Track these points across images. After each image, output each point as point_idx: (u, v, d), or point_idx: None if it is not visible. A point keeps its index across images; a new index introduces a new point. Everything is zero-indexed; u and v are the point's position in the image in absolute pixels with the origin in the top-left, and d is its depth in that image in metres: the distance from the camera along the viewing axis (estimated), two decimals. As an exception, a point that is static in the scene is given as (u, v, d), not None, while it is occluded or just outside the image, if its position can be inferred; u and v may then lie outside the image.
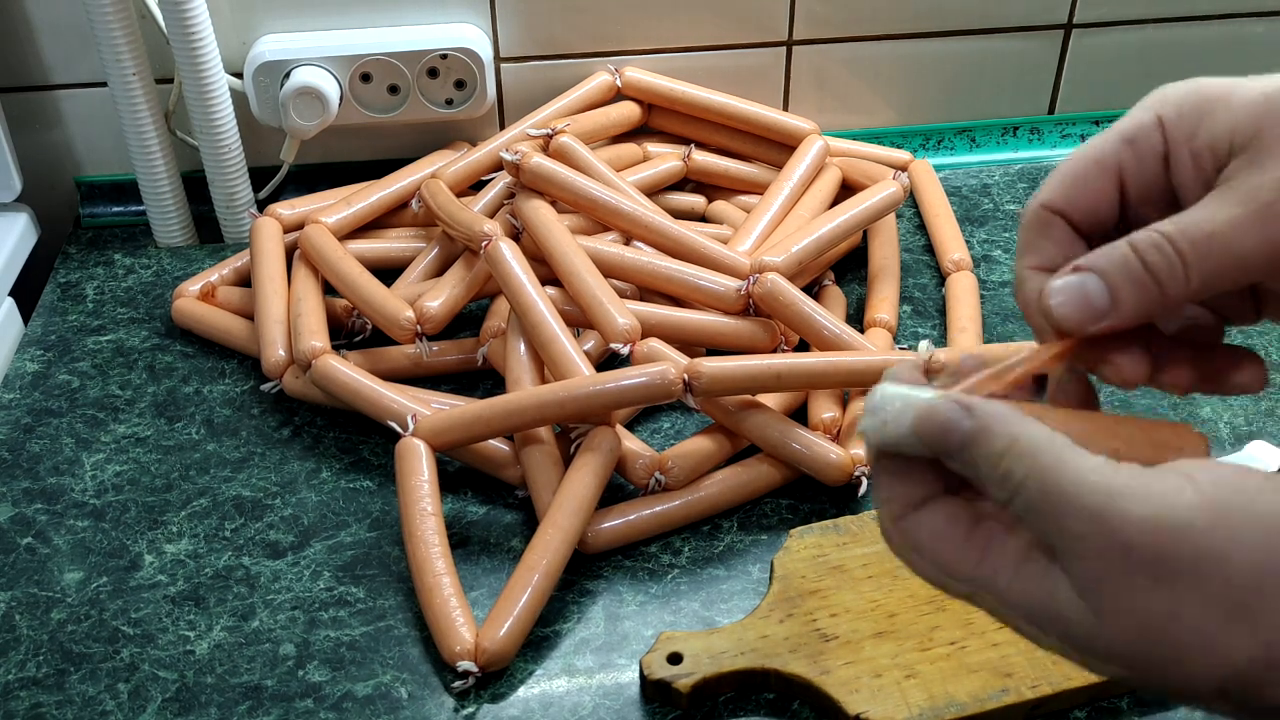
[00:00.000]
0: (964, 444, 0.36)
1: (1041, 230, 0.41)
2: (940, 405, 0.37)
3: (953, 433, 0.36)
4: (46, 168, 0.94)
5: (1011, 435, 0.36)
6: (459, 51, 0.90)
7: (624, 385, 0.66)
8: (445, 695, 0.60)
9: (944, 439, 0.37)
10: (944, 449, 0.37)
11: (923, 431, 0.37)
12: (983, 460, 0.36)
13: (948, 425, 0.36)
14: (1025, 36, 0.98)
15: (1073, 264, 0.39)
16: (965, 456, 0.36)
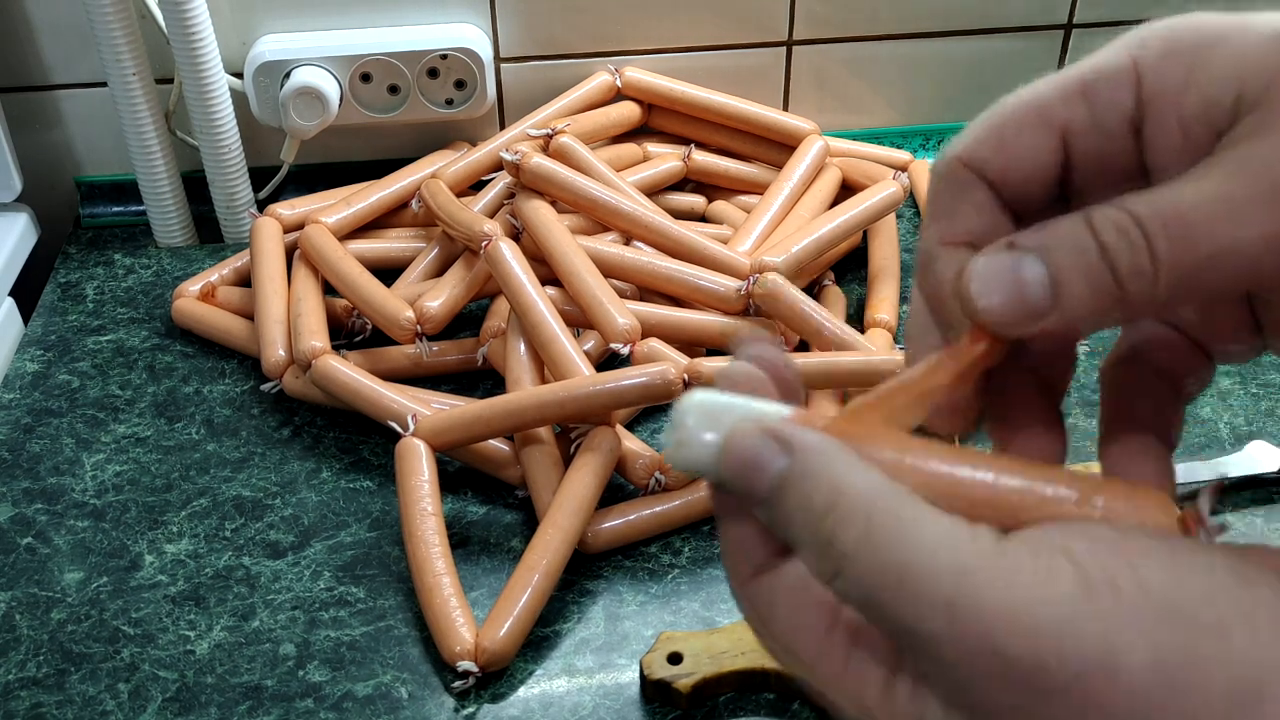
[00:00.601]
0: (774, 492, 0.28)
1: (958, 191, 0.31)
2: (745, 433, 0.28)
3: (760, 474, 0.28)
4: (46, 168, 0.94)
5: (837, 487, 0.27)
6: (459, 51, 0.90)
7: (624, 385, 0.66)
8: (445, 695, 0.60)
9: (748, 481, 0.28)
10: (749, 495, 0.28)
11: (724, 466, 0.28)
12: (798, 518, 0.27)
13: (754, 463, 0.28)
14: (1025, 36, 0.98)
15: (1006, 239, 0.29)
16: (776, 512, 0.28)
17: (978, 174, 0.32)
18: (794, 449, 0.28)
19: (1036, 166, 0.31)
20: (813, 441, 0.28)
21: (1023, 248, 0.28)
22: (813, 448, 0.28)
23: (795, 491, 0.27)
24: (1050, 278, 0.28)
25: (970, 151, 0.32)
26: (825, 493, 0.27)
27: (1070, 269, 0.28)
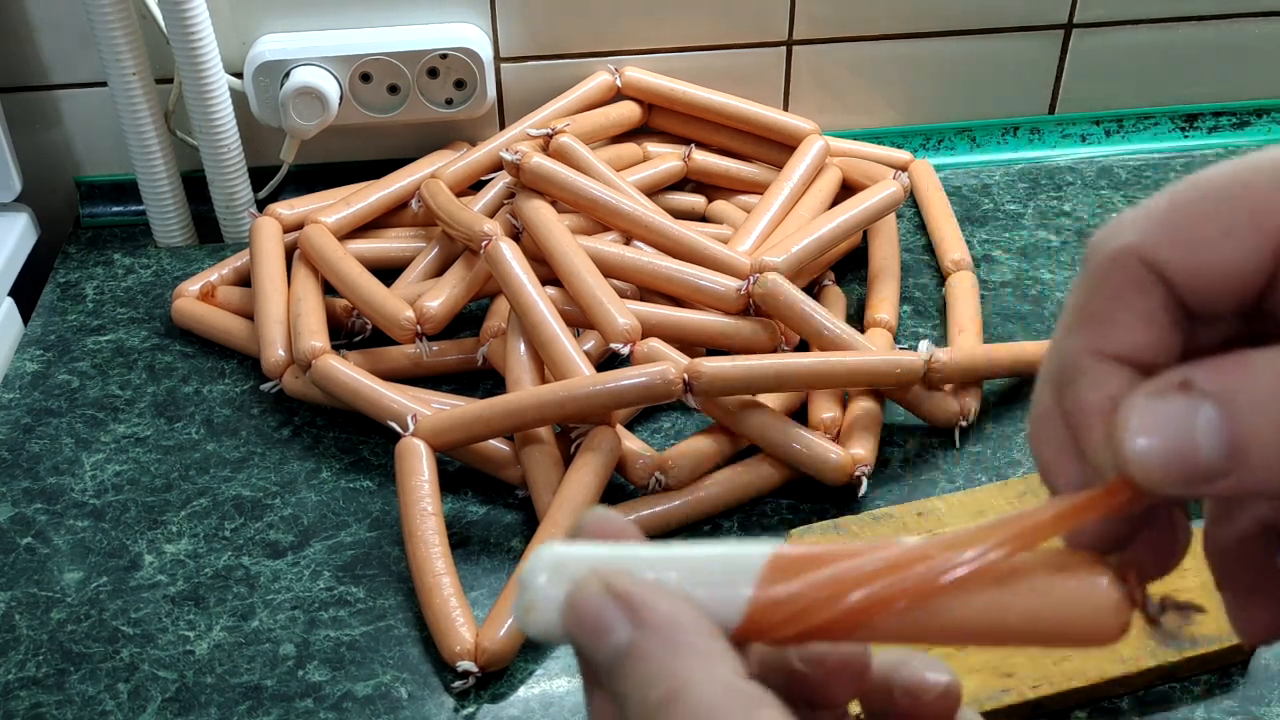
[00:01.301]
0: (612, 666, 0.25)
1: (1124, 292, 0.24)
2: (590, 591, 0.25)
3: (601, 640, 0.25)
4: (46, 168, 0.94)
5: (677, 682, 0.24)
6: (459, 51, 0.89)
7: (624, 385, 0.66)
8: (445, 695, 0.60)
9: (588, 644, 0.25)
10: (591, 659, 0.25)
11: (565, 621, 0.26)
12: (633, 703, 0.24)
13: (594, 626, 0.25)
14: (1025, 36, 0.98)
15: (1179, 374, 0.23)
16: (612, 685, 0.25)
17: (1156, 274, 0.24)
18: (643, 622, 0.25)
19: (1236, 276, 0.24)
20: (665, 616, 0.24)
21: (1201, 391, 0.22)
22: (663, 625, 0.24)
23: (633, 673, 0.24)
24: (1231, 436, 0.22)
25: (1151, 244, 0.24)
26: (663, 686, 0.24)
27: (1261, 429, 0.21)
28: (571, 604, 0.26)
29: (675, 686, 0.24)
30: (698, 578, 0.26)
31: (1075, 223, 0.93)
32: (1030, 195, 0.97)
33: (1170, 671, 0.59)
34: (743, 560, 0.26)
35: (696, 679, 0.24)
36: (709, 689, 0.24)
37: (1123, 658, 0.58)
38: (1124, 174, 0.99)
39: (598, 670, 0.25)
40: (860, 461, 0.69)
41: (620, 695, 0.25)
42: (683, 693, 0.24)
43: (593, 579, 0.25)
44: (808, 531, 0.66)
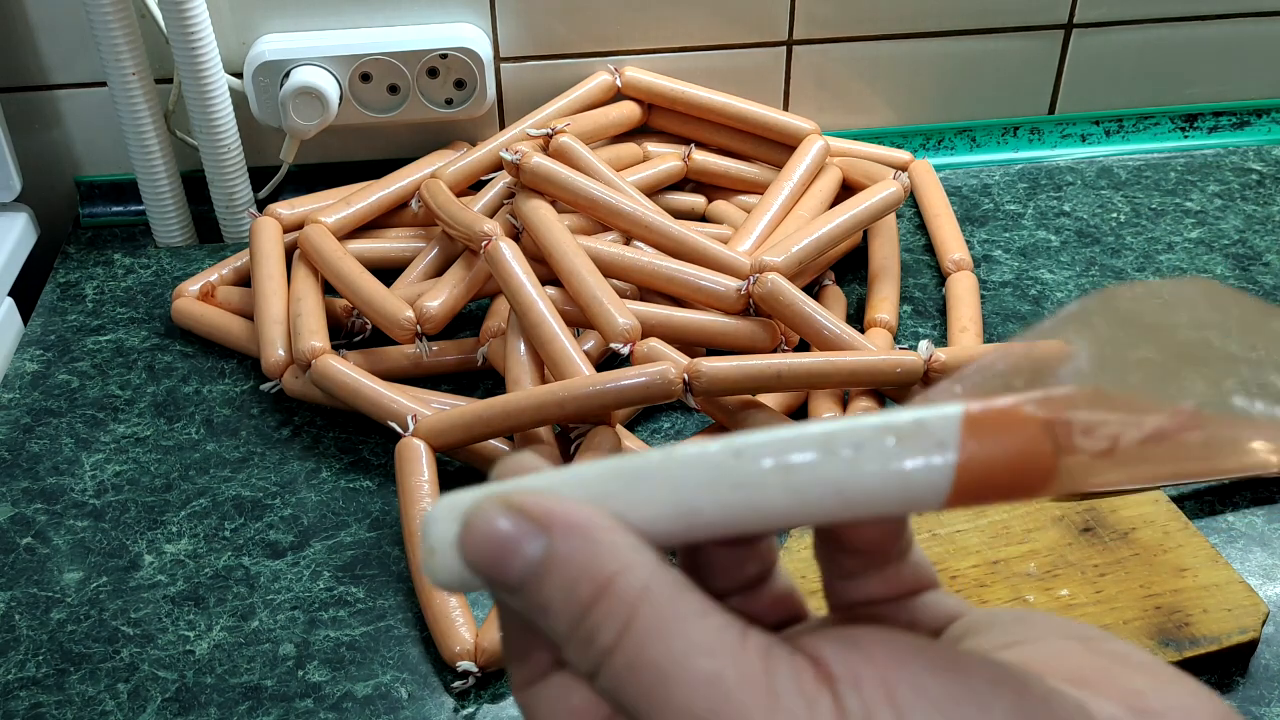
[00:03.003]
0: (526, 580, 0.25)
1: None
2: (487, 512, 0.25)
3: (509, 559, 0.25)
4: (46, 168, 0.94)
5: (605, 572, 0.24)
6: (459, 51, 0.89)
7: (624, 385, 0.66)
8: (445, 695, 0.60)
9: (495, 568, 0.25)
10: (502, 583, 0.25)
11: (466, 552, 0.25)
12: (559, 608, 0.24)
13: (500, 546, 0.25)
14: (1025, 36, 0.98)
15: None
16: (530, 600, 0.25)
17: None
18: (553, 527, 0.24)
19: None
20: (574, 517, 0.24)
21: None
22: (576, 525, 0.24)
23: (553, 581, 0.24)
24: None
25: None
26: (592, 581, 0.24)
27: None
28: (469, 530, 0.25)
29: (604, 579, 0.24)
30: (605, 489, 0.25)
31: (1075, 223, 0.93)
32: (1030, 195, 0.97)
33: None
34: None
35: (624, 563, 0.24)
36: (636, 574, 0.24)
37: (1123, 658, 0.58)
38: (1124, 174, 0.99)
39: (514, 596, 0.25)
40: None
41: (539, 604, 0.24)
42: (614, 582, 0.24)
43: (487, 502, 0.25)
44: (808, 532, 0.66)
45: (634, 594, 0.24)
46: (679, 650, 0.24)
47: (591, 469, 0.26)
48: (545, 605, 0.24)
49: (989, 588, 0.62)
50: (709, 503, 0.25)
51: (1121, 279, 0.87)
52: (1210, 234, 0.92)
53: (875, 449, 0.24)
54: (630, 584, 0.24)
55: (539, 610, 0.25)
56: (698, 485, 0.25)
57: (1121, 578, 0.62)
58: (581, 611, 0.24)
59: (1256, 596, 0.61)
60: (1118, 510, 0.66)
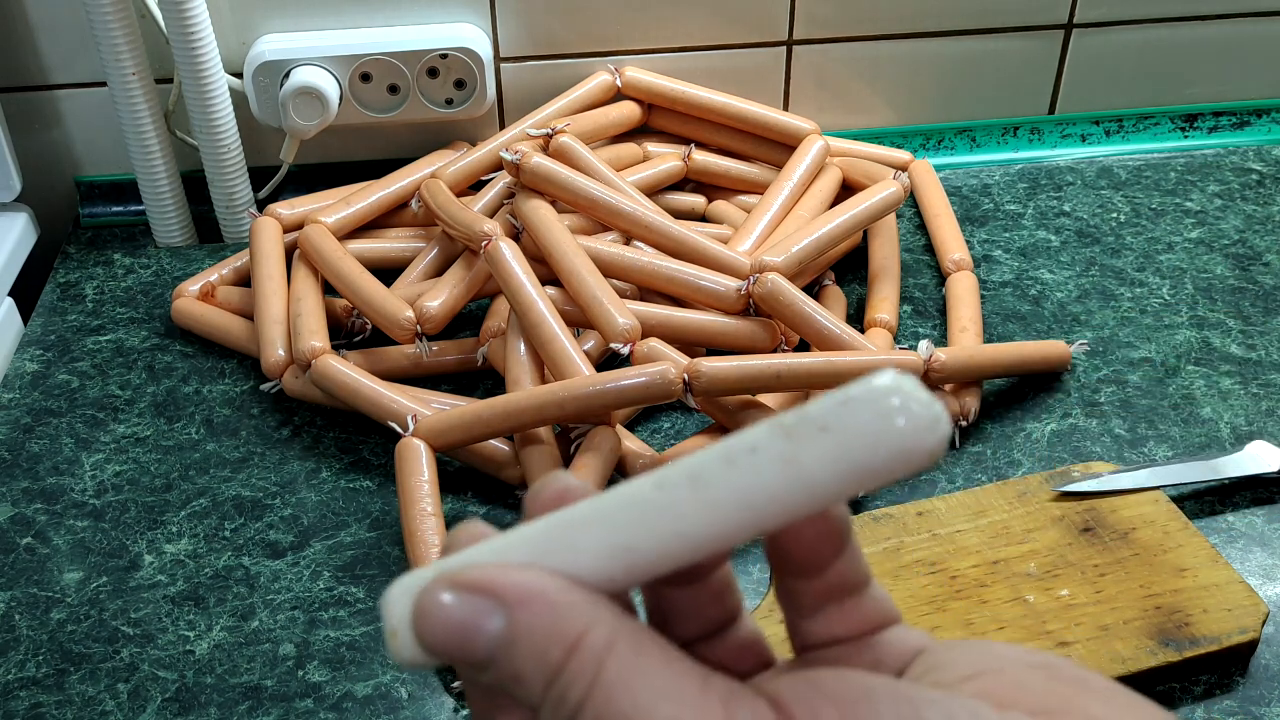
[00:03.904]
0: (494, 653, 0.25)
1: None
2: (438, 599, 0.25)
3: (473, 638, 0.25)
4: (46, 168, 0.94)
5: (573, 634, 0.25)
6: (459, 51, 0.89)
7: (624, 385, 0.66)
8: (445, 695, 0.60)
9: (461, 647, 0.25)
10: (471, 662, 0.25)
11: (429, 640, 0.25)
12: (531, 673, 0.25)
13: (460, 630, 0.25)
14: (1025, 36, 0.98)
15: None
16: (501, 672, 0.25)
17: None
18: (508, 599, 0.25)
19: None
20: (530, 584, 0.25)
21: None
22: (533, 592, 0.25)
23: (525, 647, 0.25)
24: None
25: None
26: (560, 643, 0.25)
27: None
28: (423, 617, 0.25)
29: (571, 640, 0.25)
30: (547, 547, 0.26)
31: (1075, 223, 0.93)
32: (1030, 195, 0.97)
33: (1170, 671, 0.59)
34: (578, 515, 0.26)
35: (589, 623, 0.25)
36: (602, 629, 0.25)
37: (1123, 658, 0.58)
38: (1124, 174, 0.99)
39: (482, 671, 0.25)
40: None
41: (515, 680, 0.25)
42: (581, 641, 0.25)
43: (433, 585, 0.25)
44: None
45: (600, 649, 0.25)
46: (643, 700, 0.24)
47: (531, 529, 0.26)
48: (517, 674, 0.25)
49: (989, 588, 0.62)
50: (642, 539, 0.25)
51: (1121, 279, 0.87)
52: (1210, 234, 0.92)
53: (771, 449, 0.24)
54: (596, 640, 0.25)
55: (511, 680, 0.25)
56: (627, 524, 0.25)
57: (1121, 578, 0.62)
58: (553, 674, 0.25)
59: (1256, 596, 0.61)
60: (1118, 510, 0.66)
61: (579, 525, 0.26)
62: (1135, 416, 0.76)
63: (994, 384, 0.78)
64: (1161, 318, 0.84)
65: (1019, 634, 0.60)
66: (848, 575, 0.29)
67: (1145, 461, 0.72)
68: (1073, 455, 0.73)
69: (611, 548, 0.25)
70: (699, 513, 0.25)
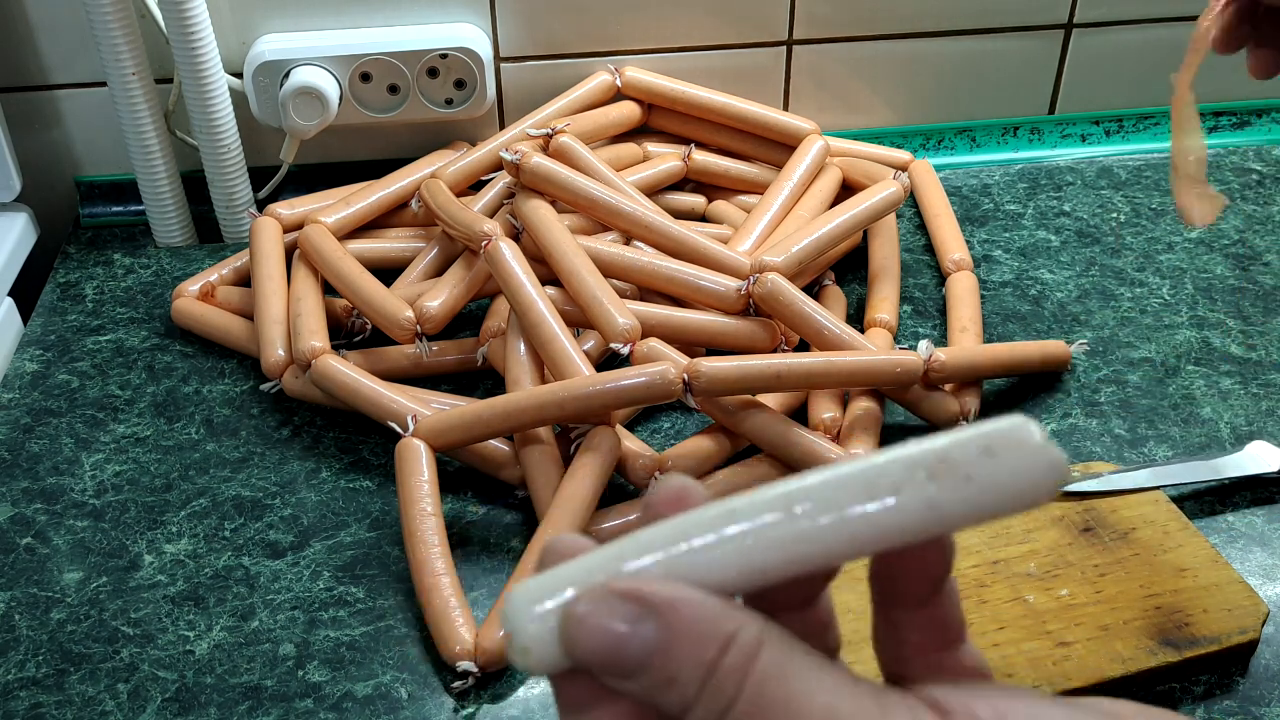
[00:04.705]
0: (646, 660, 0.26)
1: None
2: (592, 607, 0.26)
3: (626, 645, 0.26)
4: (46, 168, 0.94)
5: (726, 633, 0.26)
6: (459, 51, 0.89)
7: (624, 385, 0.66)
8: (445, 695, 0.60)
9: (615, 655, 0.26)
10: (623, 669, 0.26)
11: (583, 650, 0.26)
12: (687, 675, 0.26)
13: (617, 636, 0.26)
14: (1025, 36, 0.98)
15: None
16: (652, 677, 0.26)
17: None
18: (660, 609, 0.26)
19: None
20: (677, 594, 0.26)
21: None
22: (681, 602, 0.26)
23: (683, 649, 0.26)
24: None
25: None
26: (716, 643, 0.26)
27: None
28: (573, 625, 0.26)
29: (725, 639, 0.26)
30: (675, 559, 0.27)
31: (1075, 223, 0.93)
32: (1030, 195, 0.97)
33: (1170, 671, 0.59)
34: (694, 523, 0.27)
35: (740, 623, 0.26)
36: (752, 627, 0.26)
37: (1123, 658, 0.58)
38: (1124, 174, 0.99)
39: (630, 678, 0.26)
40: (860, 461, 0.69)
41: (668, 683, 0.26)
42: (735, 639, 0.26)
43: (589, 595, 0.26)
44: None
45: (752, 645, 0.26)
46: (798, 688, 0.25)
47: (650, 538, 0.27)
48: (671, 677, 0.26)
49: (989, 588, 0.62)
50: (773, 562, 0.26)
51: (1121, 279, 0.87)
52: (1210, 234, 0.92)
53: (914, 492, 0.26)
54: (747, 638, 0.26)
55: (663, 684, 0.26)
56: (759, 548, 0.26)
57: (1121, 578, 0.62)
58: (708, 673, 0.25)
59: (1256, 596, 0.61)
60: (1118, 510, 0.66)
61: (708, 541, 0.27)
62: (1135, 416, 0.76)
63: (994, 384, 0.78)
64: (1161, 318, 0.84)
65: (1019, 634, 0.60)
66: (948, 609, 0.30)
67: (1145, 461, 0.72)
68: (1073, 455, 0.73)
69: (742, 568, 0.26)
70: (834, 542, 0.26)
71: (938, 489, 0.26)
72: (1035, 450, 0.25)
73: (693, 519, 0.27)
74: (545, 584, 0.27)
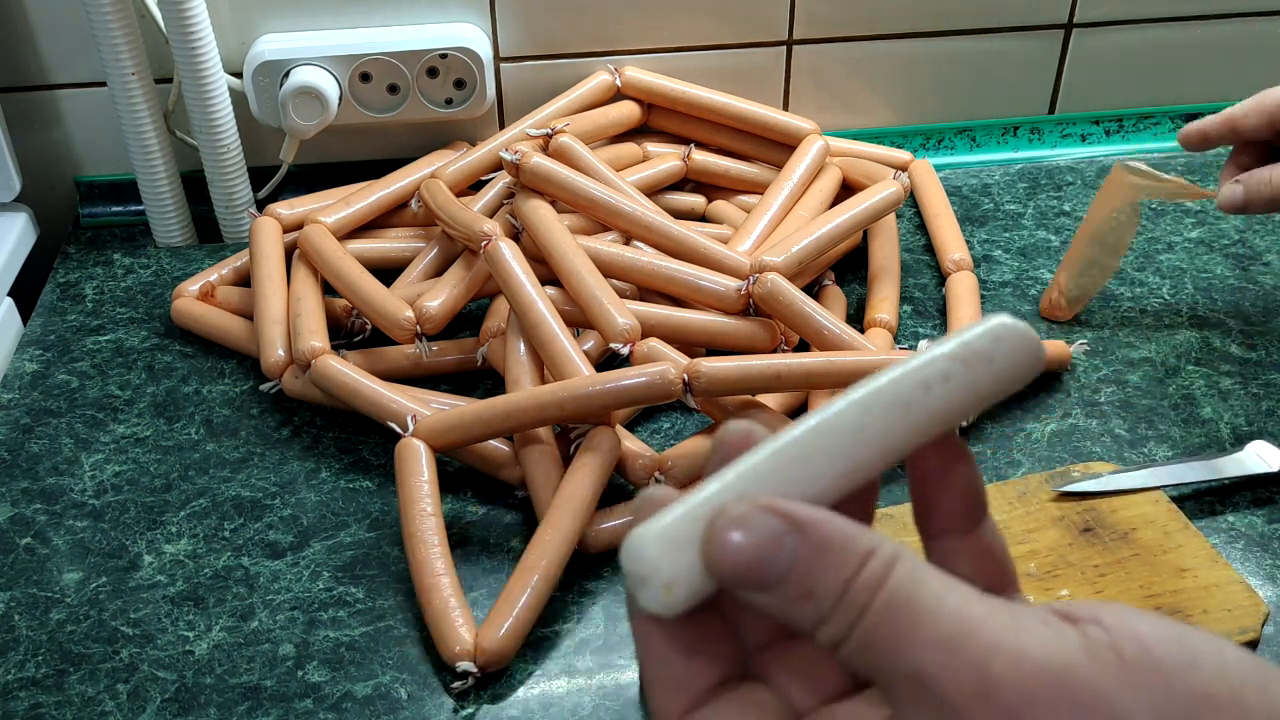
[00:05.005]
0: (788, 573, 0.27)
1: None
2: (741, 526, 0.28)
3: (775, 556, 0.27)
4: (46, 168, 0.94)
5: (865, 548, 0.27)
6: (458, 51, 0.89)
7: (624, 385, 0.66)
8: (445, 696, 0.60)
9: (762, 570, 0.27)
10: (758, 581, 0.27)
11: (730, 567, 0.27)
12: (827, 586, 0.27)
13: (768, 546, 0.27)
14: (1025, 36, 0.98)
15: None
16: (790, 591, 0.27)
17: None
18: (803, 525, 0.27)
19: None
20: (818, 514, 0.28)
21: None
22: (820, 519, 0.28)
23: (827, 561, 0.27)
24: None
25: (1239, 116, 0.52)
26: (856, 556, 0.27)
27: None
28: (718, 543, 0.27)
29: (865, 552, 0.27)
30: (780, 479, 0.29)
31: (1075, 223, 0.93)
32: (1030, 195, 0.97)
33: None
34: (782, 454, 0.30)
35: (875, 540, 0.27)
36: (888, 545, 0.27)
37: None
38: (1124, 174, 0.99)
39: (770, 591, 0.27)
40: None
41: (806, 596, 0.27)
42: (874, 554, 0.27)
43: (730, 510, 0.27)
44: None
45: (887, 562, 0.27)
46: (929, 599, 0.27)
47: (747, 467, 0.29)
48: (810, 590, 0.27)
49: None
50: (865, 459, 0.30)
51: (1121, 279, 0.87)
52: (1210, 234, 0.92)
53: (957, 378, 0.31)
54: (885, 554, 0.27)
55: (799, 598, 0.27)
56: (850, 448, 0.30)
57: (1121, 578, 0.62)
58: (845, 587, 0.27)
59: (1256, 596, 0.61)
60: (1118, 510, 0.66)
61: (802, 455, 0.29)
62: (1135, 416, 0.76)
63: (994, 384, 0.77)
64: (1161, 318, 0.84)
65: (1019, 634, 0.60)
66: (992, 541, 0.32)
67: (1145, 461, 0.72)
68: (1073, 455, 0.73)
69: (839, 472, 0.29)
70: (906, 432, 0.30)
71: (973, 374, 0.30)
72: (1023, 332, 0.31)
73: (779, 445, 0.29)
74: (669, 524, 0.28)
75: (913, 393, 0.30)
